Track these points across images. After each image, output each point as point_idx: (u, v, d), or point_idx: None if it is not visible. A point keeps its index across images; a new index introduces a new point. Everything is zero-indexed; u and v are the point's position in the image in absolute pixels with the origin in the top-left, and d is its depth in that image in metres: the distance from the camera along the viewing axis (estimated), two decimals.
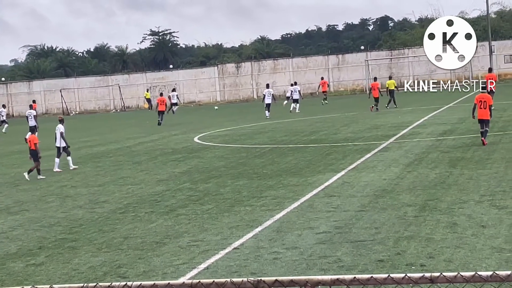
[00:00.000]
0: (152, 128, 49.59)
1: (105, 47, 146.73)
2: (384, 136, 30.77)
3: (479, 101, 25.60)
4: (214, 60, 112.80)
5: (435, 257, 11.58)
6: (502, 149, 23.68)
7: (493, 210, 14.64)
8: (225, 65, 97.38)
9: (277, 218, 15.70)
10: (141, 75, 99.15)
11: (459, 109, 43.35)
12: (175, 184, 22.11)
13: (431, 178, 19.25)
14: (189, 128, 46.60)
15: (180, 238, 14.56)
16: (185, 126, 48.60)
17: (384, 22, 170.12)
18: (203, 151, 31.05)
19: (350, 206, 16.37)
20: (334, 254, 12.27)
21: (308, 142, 31.09)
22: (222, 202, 18.29)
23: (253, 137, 36.12)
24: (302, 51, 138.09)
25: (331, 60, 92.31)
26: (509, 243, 12.02)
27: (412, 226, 13.82)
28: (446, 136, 28.97)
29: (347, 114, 47.87)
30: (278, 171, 23.01)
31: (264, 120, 48.35)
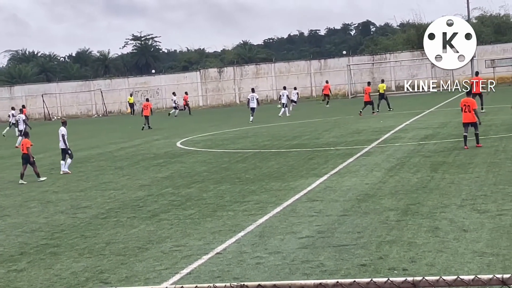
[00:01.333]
0: (134, 133, 49.49)
1: (87, 52, 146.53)
2: (366, 140, 30.85)
3: (463, 105, 25.78)
4: (196, 65, 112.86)
5: (417, 261, 11.62)
6: (483, 153, 23.79)
7: (474, 214, 14.70)
8: (207, 70, 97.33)
9: (260, 223, 15.70)
10: (123, 80, 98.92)
11: (440, 114, 43.53)
12: (157, 189, 22.06)
13: (413, 182, 19.32)
14: (171, 133, 46.52)
15: (162, 243, 14.53)
16: (167, 131, 48.52)
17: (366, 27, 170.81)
18: (186, 156, 31.01)
19: (332, 210, 16.39)
20: (316, 259, 12.28)
21: (291, 147, 31.12)
22: (204, 207, 18.27)
23: (235, 142, 36.12)
24: (285, 56, 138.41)
25: (313, 65, 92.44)
26: (491, 247, 12.07)
27: (394, 231, 13.86)
28: (427, 140, 29.08)
29: (330, 118, 47.95)
30: (261, 176, 23.01)
31: (247, 125, 48.34)
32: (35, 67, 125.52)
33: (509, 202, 15.64)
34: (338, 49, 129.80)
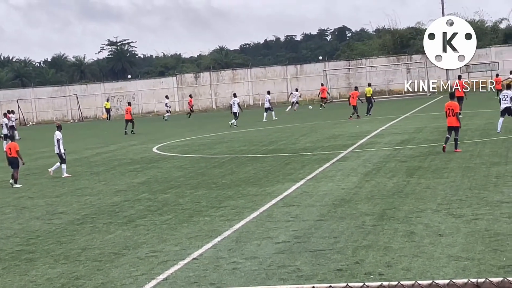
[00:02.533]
0: (110, 138, 49.32)
1: (62, 57, 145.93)
2: (343, 145, 30.93)
3: (447, 109, 25.99)
4: (172, 70, 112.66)
5: (393, 266, 11.66)
6: (459, 158, 23.93)
7: (450, 219, 14.78)
8: (183, 75, 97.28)
9: (236, 228, 15.69)
10: (99, 85, 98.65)
11: (415, 119, 43.75)
12: (134, 195, 21.99)
13: (389, 187, 19.39)
14: (147, 138, 46.41)
15: (138, 249, 14.48)
16: (144, 136, 48.40)
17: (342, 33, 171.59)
18: (162, 162, 30.94)
19: (309, 215, 16.41)
20: (293, 264, 12.29)
21: (267, 152, 31.14)
22: (181, 213, 18.23)
23: (212, 147, 36.09)
24: (261, 61, 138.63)
25: (290, 70, 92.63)
26: (466, 251, 12.14)
27: (371, 235, 13.90)
28: (403, 145, 29.21)
29: (306, 123, 48.02)
30: (237, 181, 23.01)
31: (223, 130, 48.32)
32: (10, 72, 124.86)
33: (484, 206, 15.73)
34: (314, 55, 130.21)
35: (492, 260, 11.47)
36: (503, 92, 31.95)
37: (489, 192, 17.38)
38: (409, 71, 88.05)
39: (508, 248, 12.09)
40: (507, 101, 31.05)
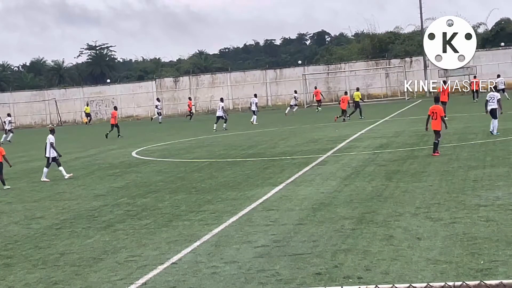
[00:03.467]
0: (89, 142, 49.15)
1: (41, 61, 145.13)
2: (322, 149, 30.99)
3: (432, 112, 26.19)
4: (152, 74, 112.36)
5: (372, 270, 11.70)
6: (437, 162, 24.05)
7: (428, 223, 14.85)
8: (163, 80, 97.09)
9: (216, 233, 15.68)
10: (78, 90, 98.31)
11: (394, 123, 43.93)
12: (113, 199, 21.93)
13: (368, 191, 19.45)
14: (127, 142, 46.30)
15: (117, 254, 14.44)
16: (123, 141, 48.29)
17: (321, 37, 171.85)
18: (141, 166, 30.88)
19: (288, 219, 16.43)
20: (272, 268, 12.30)
21: (247, 156, 31.15)
22: (160, 217, 18.20)
23: (191, 151, 36.05)
24: (240, 65, 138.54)
25: (269, 74, 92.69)
26: (444, 254, 12.20)
27: (349, 239, 13.94)
28: (382, 149, 29.31)
29: (285, 128, 48.09)
30: (217, 186, 23.00)
31: (203, 134, 48.28)
32: None
33: (462, 210, 15.83)
34: (294, 59, 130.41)
35: (470, 263, 11.54)
36: (489, 94, 32.15)
37: (467, 196, 17.48)
38: (387, 75, 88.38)
39: (485, 251, 12.17)
40: (494, 102, 31.31)
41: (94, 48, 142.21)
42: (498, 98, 31.51)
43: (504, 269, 11.05)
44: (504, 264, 11.32)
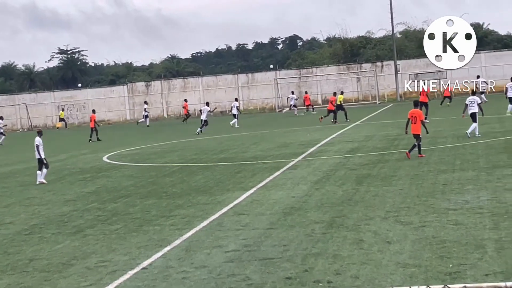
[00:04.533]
0: (60, 147, 48.85)
1: (11, 65, 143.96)
2: (293, 154, 31.04)
3: (411, 116, 26.38)
4: (123, 78, 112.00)
5: (342, 274, 11.73)
6: (407, 166, 24.18)
7: (398, 226, 14.92)
8: (134, 84, 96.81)
9: (186, 237, 15.66)
10: (49, 94, 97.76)
11: (365, 127, 44.12)
12: (83, 204, 21.83)
13: (339, 195, 19.51)
14: (98, 147, 46.09)
15: (87, 259, 14.37)
16: (94, 145, 48.08)
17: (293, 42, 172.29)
18: (112, 171, 30.76)
19: (259, 224, 16.45)
20: (242, 272, 12.30)
21: (218, 161, 31.13)
22: (130, 222, 18.15)
23: (163, 155, 35.96)
24: (212, 69, 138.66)
25: (241, 78, 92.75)
26: (414, 258, 12.27)
27: (320, 243, 13.97)
28: (353, 153, 29.42)
29: (257, 132, 48.13)
30: (188, 190, 22.97)
31: (174, 138, 48.19)
32: None
33: (432, 213, 15.92)
34: (266, 63, 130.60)
35: (439, 267, 11.61)
36: (469, 98, 32.35)
37: (436, 200, 17.60)
38: (359, 79, 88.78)
39: (454, 254, 12.26)
40: (474, 106, 31.53)
41: (66, 53, 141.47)
42: (478, 102, 31.72)
43: (472, 273, 11.14)
44: (473, 268, 11.41)
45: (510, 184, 18.90)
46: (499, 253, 12.14)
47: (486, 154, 25.56)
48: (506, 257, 11.82)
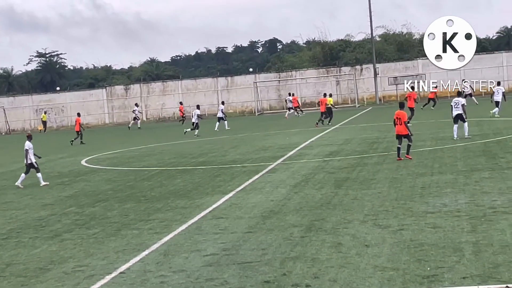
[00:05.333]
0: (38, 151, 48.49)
1: None
2: (272, 157, 31.04)
3: (396, 118, 26.47)
4: (102, 82, 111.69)
5: (320, 277, 11.73)
6: (386, 169, 24.24)
7: (376, 230, 14.94)
8: (113, 87, 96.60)
9: (165, 241, 15.60)
10: (27, 98, 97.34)
11: (344, 131, 44.20)
12: (61, 209, 21.71)
13: (317, 198, 19.52)
14: (76, 151, 45.89)
15: (65, 264, 14.29)
16: (73, 149, 47.87)
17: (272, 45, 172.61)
18: (90, 174, 30.63)
19: (237, 227, 16.42)
20: (221, 276, 12.27)
21: (197, 164, 31.07)
22: (108, 226, 18.06)
23: (141, 159, 35.85)
24: (192, 73, 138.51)
25: (220, 82, 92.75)
26: (392, 261, 12.28)
27: (298, 247, 13.96)
28: (332, 157, 29.45)
29: (236, 135, 48.09)
30: (166, 194, 22.90)
31: (153, 142, 48.07)
32: None
33: (410, 217, 15.96)
34: (245, 66, 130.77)
35: (417, 270, 11.63)
36: (454, 99, 32.50)
37: (414, 203, 17.64)
38: (338, 83, 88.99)
39: (432, 258, 12.28)
40: (458, 108, 31.70)
41: (44, 56, 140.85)
42: (462, 103, 31.88)
43: (450, 276, 11.16)
44: (450, 271, 11.43)
45: (488, 187, 18.99)
46: (477, 256, 12.18)
47: (464, 157, 25.67)
48: (483, 260, 11.86)
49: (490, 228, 14.16)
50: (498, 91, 46.02)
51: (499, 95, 45.92)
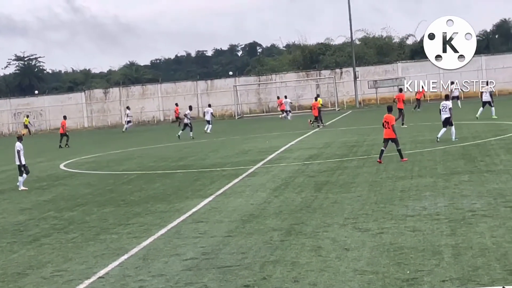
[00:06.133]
0: None
1: None
2: (252, 161, 31.01)
3: (384, 121, 26.58)
4: (81, 85, 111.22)
5: (300, 281, 11.71)
6: (366, 172, 24.27)
7: (356, 233, 14.95)
8: (92, 91, 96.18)
9: (144, 246, 15.53)
10: (5, 101, 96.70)
11: (324, 134, 44.23)
12: (39, 213, 21.57)
13: (297, 202, 19.51)
14: (55, 155, 45.65)
15: (43, 268, 14.19)
16: (51, 153, 47.61)
17: (252, 48, 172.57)
18: (69, 179, 30.48)
19: (217, 231, 16.38)
20: (200, 281, 12.22)
21: (177, 168, 30.99)
22: (87, 230, 17.96)
23: (121, 163, 35.71)
24: (172, 76, 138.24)
25: (200, 85, 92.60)
26: (371, 265, 12.29)
27: (278, 251, 13.94)
28: (312, 160, 29.46)
29: (216, 139, 48.01)
30: (146, 198, 22.81)
31: (133, 146, 47.91)
32: None
33: (389, 220, 15.98)
34: (225, 70, 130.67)
35: (397, 273, 11.63)
36: (442, 103, 32.80)
37: (394, 206, 17.66)
38: (318, 86, 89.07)
39: (411, 261, 12.29)
40: (446, 111, 32.01)
41: (22, 59, 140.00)
42: (449, 107, 32.23)
43: (429, 279, 11.17)
44: (430, 274, 11.44)
45: (467, 190, 19.05)
46: (456, 259, 12.20)
47: (443, 160, 25.76)
48: (462, 263, 11.88)
49: (469, 231, 14.20)
50: (486, 92, 46.55)
51: (487, 96, 46.42)
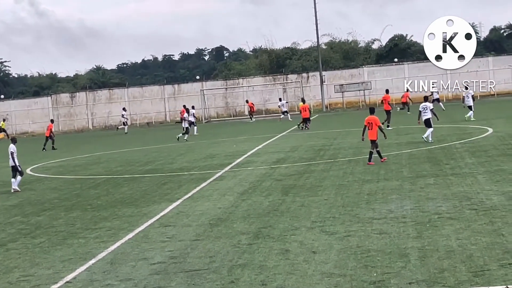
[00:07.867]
0: None
1: None
2: (220, 165, 31.03)
3: (368, 123, 26.71)
4: (48, 90, 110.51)
5: (268, 284, 11.75)
6: (332, 176, 24.39)
7: (323, 236, 15.02)
8: (59, 95, 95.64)
9: (112, 250, 15.49)
10: None
11: (291, 138, 44.36)
12: (5, 218, 21.41)
13: (265, 206, 19.56)
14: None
15: (9, 274, 14.09)
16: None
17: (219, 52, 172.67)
18: (36, 183, 30.29)
19: (185, 235, 16.38)
20: (168, 285, 12.23)
21: (144, 172, 30.92)
22: (54, 235, 17.87)
23: (87, 167, 35.55)
24: (138, 80, 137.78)
25: (167, 89, 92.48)
26: (339, 267, 12.36)
27: (246, 254, 13.97)
28: (279, 164, 29.54)
29: (183, 143, 47.95)
30: (113, 202, 22.74)
31: (99, 150, 47.71)
32: None
33: (356, 223, 16.08)
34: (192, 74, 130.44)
35: (364, 276, 11.72)
36: (421, 105, 33.24)
37: (361, 209, 17.78)
38: (285, 90, 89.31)
39: (378, 263, 12.39)
40: (427, 112, 32.44)
41: None
42: (431, 108, 32.77)
43: (396, 281, 11.26)
44: (396, 276, 11.54)
45: (433, 193, 19.23)
46: (422, 261, 12.32)
47: (409, 163, 25.96)
48: (428, 265, 12.00)
49: (435, 234, 14.34)
50: (468, 95, 47.36)
51: (469, 99, 47.14)
